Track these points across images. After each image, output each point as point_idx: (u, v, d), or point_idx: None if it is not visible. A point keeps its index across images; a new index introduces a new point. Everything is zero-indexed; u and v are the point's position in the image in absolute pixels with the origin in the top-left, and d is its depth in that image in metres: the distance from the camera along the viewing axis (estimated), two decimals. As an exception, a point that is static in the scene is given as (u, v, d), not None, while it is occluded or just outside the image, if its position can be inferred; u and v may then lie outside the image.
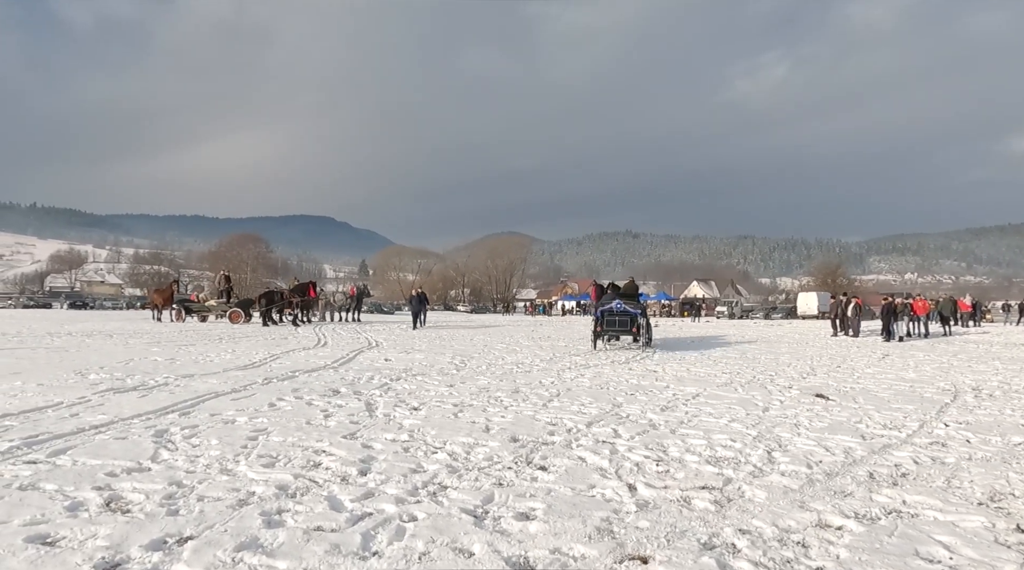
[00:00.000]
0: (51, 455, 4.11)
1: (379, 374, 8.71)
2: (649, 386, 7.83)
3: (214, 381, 7.73)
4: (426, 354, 11.99)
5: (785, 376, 9.15)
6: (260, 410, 5.78)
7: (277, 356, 11.24)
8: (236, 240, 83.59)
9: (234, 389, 7.04)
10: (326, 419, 5.39)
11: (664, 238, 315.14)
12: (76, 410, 5.77)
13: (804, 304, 46.63)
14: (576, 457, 4.13)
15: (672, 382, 8.21)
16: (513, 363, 10.73)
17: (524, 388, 7.46)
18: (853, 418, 5.63)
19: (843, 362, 11.63)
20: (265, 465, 3.93)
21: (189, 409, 5.81)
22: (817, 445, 4.51)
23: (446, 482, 3.61)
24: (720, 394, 7.10)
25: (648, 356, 12.39)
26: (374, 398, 6.57)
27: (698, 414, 5.75)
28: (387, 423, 5.25)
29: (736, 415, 5.71)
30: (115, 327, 20.17)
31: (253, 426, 5.08)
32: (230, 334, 17.13)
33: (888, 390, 7.65)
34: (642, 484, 3.55)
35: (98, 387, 7.09)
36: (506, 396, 6.83)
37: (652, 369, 10.03)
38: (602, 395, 6.96)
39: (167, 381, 7.67)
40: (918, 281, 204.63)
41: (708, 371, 9.79)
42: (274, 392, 6.82)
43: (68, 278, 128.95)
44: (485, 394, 6.96)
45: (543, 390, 7.34)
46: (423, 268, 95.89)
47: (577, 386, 7.73)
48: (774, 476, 3.72)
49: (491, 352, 12.85)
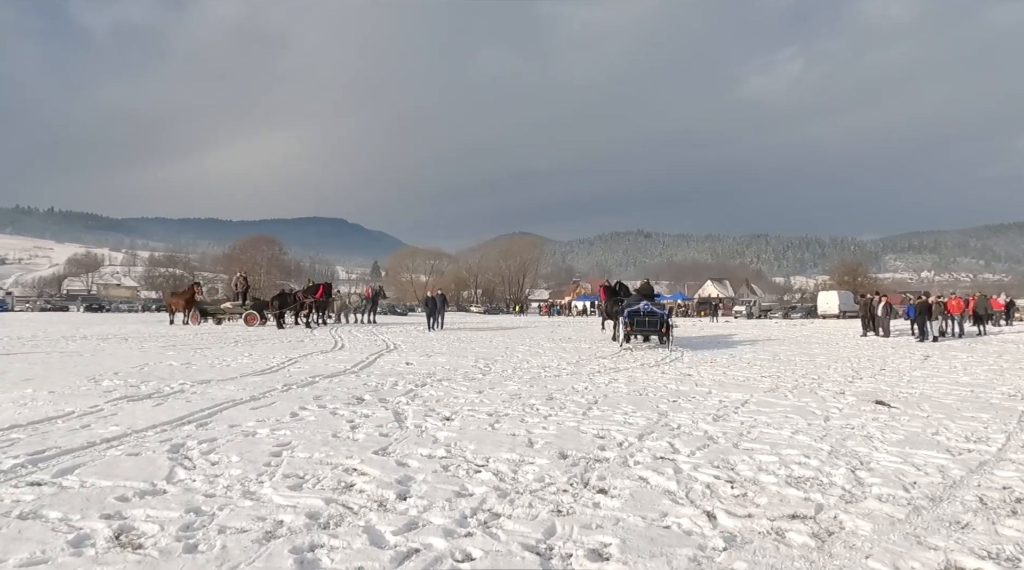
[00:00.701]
0: (58, 474, 3.74)
1: (402, 379, 8.32)
2: (690, 392, 7.36)
3: (231, 388, 7.37)
4: (448, 357, 11.59)
5: (830, 380, 8.65)
6: (282, 420, 5.40)
7: (295, 360, 10.89)
8: (250, 242, 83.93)
9: (253, 396, 6.67)
10: (353, 431, 4.99)
11: (676, 237, 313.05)
12: (87, 421, 5.42)
13: (824, 303, 45.71)
14: (637, 477, 3.69)
15: (714, 387, 7.74)
16: (539, 367, 10.30)
17: (558, 395, 7.02)
18: (928, 429, 5.14)
19: (885, 364, 11.08)
20: (292, 487, 3.53)
21: (206, 420, 5.44)
22: (904, 462, 4.04)
23: (497, 508, 3.19)
24: (770, 401, 6.62)
25: (678, 358, 11.91)
26: (401, 406, 6.16)
27: (755, 424, 5.28)
28: (419, 436, 4.83)
29: (797, 426, 5.24)
30: (131, 330, 19.99)
31: (276, 439, 4.69)
32: (246, 337, 16.85)
33: (949, 396, 7.13)
34: (722, 512, 3.10)
35: (111, 395, 6.75)
36: (541, 404, 6.40)
37: (686, 372, 9.56)
38: (643, 402, 6.51)
39: (183, 388, 7.32)
40: (935, 279, 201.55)
41: (746, 374, 9.30)
42: (295, 400, 6.44)
43: (85, 281, 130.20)
44: (518, 401, 6.54)
45: (579, 396, 6.90)
46: (436, 269, 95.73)
47: (614, 392, 7.28)
48: (871, 502, 3.25)
49: (514, 355, 12.43)
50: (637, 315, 14.00)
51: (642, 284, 17.01)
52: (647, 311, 14.15)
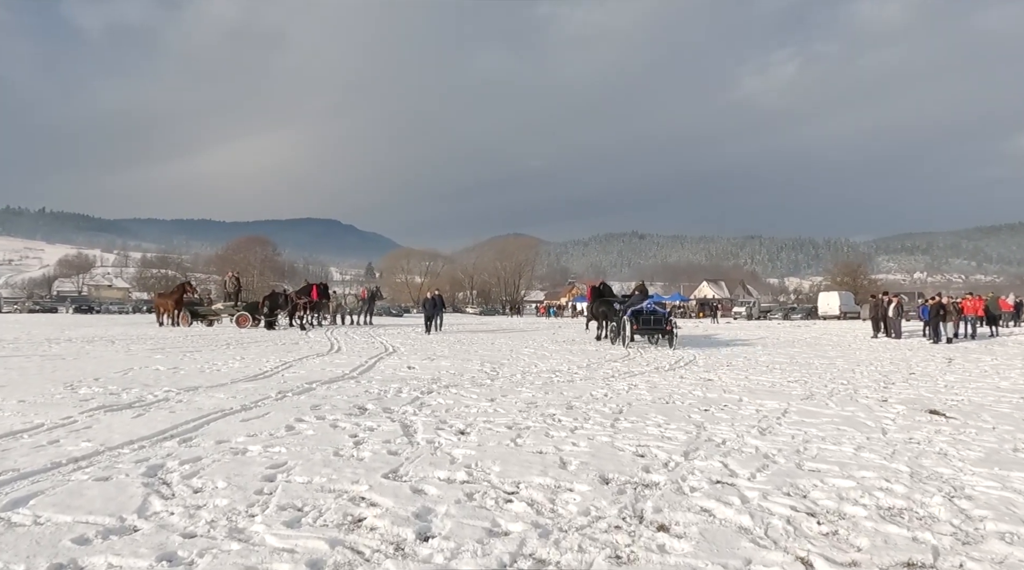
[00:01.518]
0: (8, 507, 3.13)
1: (406, 385, 7.72)
2: (719, 399, 6.80)
3: (221, 396, 6.76)
4: (451, 361, 10.99)
5: (862, 386, 8.10)
6: (276, 435, 4.80)
7: (289, 364, 10.28)
8: (243, 243, 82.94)
9: (244, 406, 6.06)
10: (357, 448, 4.40)
11: (670, 239, 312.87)
12: (57, 435, 4.81)
13: (825, 304, 45.27)
14: (699, 508, 3.11)
15: (743, 394, 7.17)
16: (549, 371, 9.72)
17: (577, 403, 6.45)
18: (1005, 444, 4.59)
19: (910, 368, 10.55)
20: (289, 522, 2.93)
21: (191, 434, 4.83)
22: (1003, 487, 3.47)
23: (541, 553, 2.60)
24: (811, 410, 6.06)
25: (691, 361, 11.36)
26: (409, 417, 5.57)
27: (808, 439, 4.71)
28: (434, 454, 4.24)
29: (856, 440, 4.67)
30: (119, 332, 19.29)
31: (269, 459, 4.09)
32: (238, 339, 16.20)
33: (1002, 403, 6.59)
34: (819, 558, 2.53)
35: (88, 404, 6.13)
36: (562, 413, 5.82)
37: (706, 377, 9.00)
38: (674, 412, 5.94)
39: (167, 396, 6.70)
40: (928, 280, 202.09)
41: (770, 379, 8.75)
42: (291, 410, 5.84)
43: (75, 282, 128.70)
44: (536, 411, 5.96)
45: (600, 405, 6.32)
46: (431, 270, 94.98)
47: (637, 399, 6.71)
48: (994, 544, 2.69)
49: (520, 358, 11.84)
50: (641, 315, 14.16)
51: (637, 285, 17.14)
52: (650, 310, 14.43)
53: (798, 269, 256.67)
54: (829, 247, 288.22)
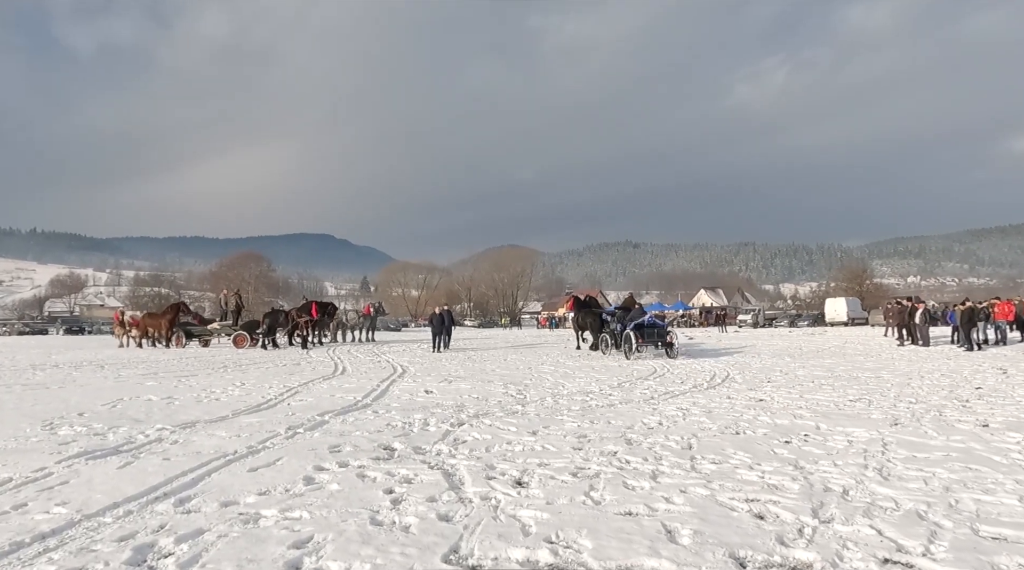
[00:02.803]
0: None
1: (431, 416, 6.85)
2: (793, 427, 5.96)
3: (222, 434, 5.88)
4: (470, 383, 10.12)
5: (936, 405, 7.28)
6: (294, 490, 3.93)
7: (295, 390, 9.39)
8: (237, 259, 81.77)
9: (250, 448, 5.18)
10: (397, 509, 3.54)
11: (664, 247, 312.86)
12: (25, 495, 3.94)
13: (832, 310, 44.49)
14: (895, 611, 2.26)
15: (816, 419, 6.34)
16: (580, 392, 8.88)
17: (634, 435, 5.59)
18: None
19: (968, 380, 9.75)
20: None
21: (189, 490, 3.96)
22: None
23: None
24: (914, 441, 5.22)
25: (728, 378, 10.54)
26: (447, 460, 4.71)
27: (947, 486, 3.86)
28: (495, 517, 3.38)
29: (1007, 485, 3.84)
30: (109, 355, 18.31)
31: (290, 530, 3.22)
32: (236, 361, 15.28)
33: (1118, 426, 5.78)
34: None
35: (68, 449, 5.25)
36: (624, 451, 4.96)
37: (757, 397, 8.17)
38: (754, 446, 5.09)
39: (160, 436, 5.81)
40: (921, 284, 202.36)
41: (828, 398, 7.93)
42: (306, 453, 4.96)
43: (67, 302, 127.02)
44: (591, 447, 5.10)
45: (662, 438, 5.47)
46: (427, 283, 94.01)
47: (701, 429, 5.86)
48: None
49: (542, 377, 10.98)
50: (643, 327, 15.02)
51: (626, 299, 18.07)
52: (650, 323, 15.40)
53: (792, 275, 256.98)
54: (822, 253, 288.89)
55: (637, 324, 14.96)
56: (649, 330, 15.03)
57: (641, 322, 15.08)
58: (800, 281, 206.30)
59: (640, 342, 14.67)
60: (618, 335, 15.52)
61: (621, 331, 15.31)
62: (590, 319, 17.88)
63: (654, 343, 14.95)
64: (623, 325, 15.33)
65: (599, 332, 16.92)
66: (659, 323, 15.86)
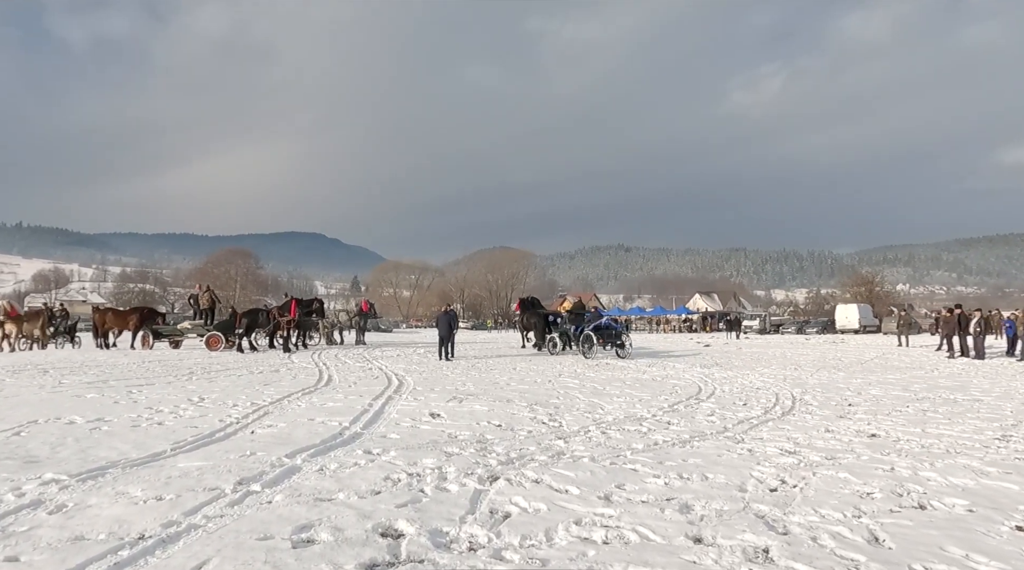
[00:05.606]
0: None
1: (445, 459, 4.90)
2: (980, 489, 4.07)
3: (137, 493, 3.91)
4: (486, 403, 8.15)
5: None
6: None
7: (264, 408, 7.41)
8: (225, 256, 79.08)
9: (167, 530, 3.21)
10: None
11: (656, 251, 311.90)
12: None
13: (844, 317, 42.74)
14: None
15: (1003, 474, 4.45)
16: (628, 419, 6.96)
17: (762, 506, 3.67)
18: None
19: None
20: None
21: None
22: None
23: None
24: None
25: (800, 400, 8.66)
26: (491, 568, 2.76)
27: None
28: None
29: None
30: (62, 356, 16.18)
31: None
32: (205, 366, 13.24)
33: None
34: None
35: None
36: (766, 541, 3.05)
37: (866, 431, 6.29)
38: (981, 541, 3.19)
39: (41, 496, 3.84)
40: (911, 292, 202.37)
41: (958, 433, 6.07)
42: (253, 552, 2.99)
43: (49, 298, 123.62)
44: (710, 531, 3.18)
45: (807, 511, 3.56)
46: (420, 283, 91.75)
47: (855, 495, 3.94)
48: None
49: (570, 395, 9.04)
50: (601, 328, 16.40)
51: (575, 304, 19.06)
52: (606, 325, 16.81)
53: (783, 281, 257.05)
54: (813, 259, 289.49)
55: (596, 326, 16.42)
56: (607, 332, 16.48)
57: (599, 324, 16.59)
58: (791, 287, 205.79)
59: (600, 342, 16.10)
60: (571, 336, 17.03)
61: (578, 332, 16.69)
62: (535, 320, 19.04)
63: (612, 343, 16.26)
64: (579, 327, 16.74)
65: (543, 332, 18.15)
66: (615, 325, 17.39)
